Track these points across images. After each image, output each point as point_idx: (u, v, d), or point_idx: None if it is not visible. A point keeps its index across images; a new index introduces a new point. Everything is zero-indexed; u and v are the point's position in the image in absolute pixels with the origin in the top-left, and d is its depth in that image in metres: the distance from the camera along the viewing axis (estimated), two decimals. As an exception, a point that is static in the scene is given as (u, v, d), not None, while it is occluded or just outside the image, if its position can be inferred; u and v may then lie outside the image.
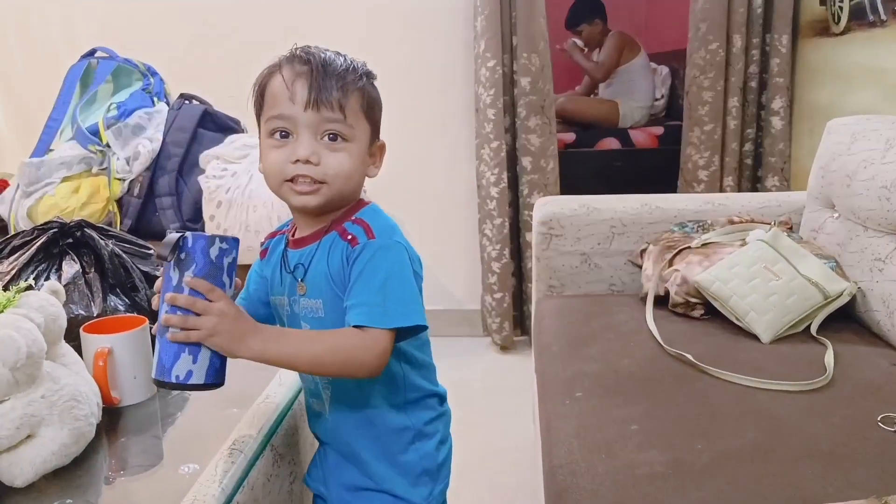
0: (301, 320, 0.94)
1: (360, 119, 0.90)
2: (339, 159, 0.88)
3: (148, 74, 2.61)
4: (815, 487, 0.86)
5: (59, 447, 0.85)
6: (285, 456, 1.04)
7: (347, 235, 0.89)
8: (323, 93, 0.87)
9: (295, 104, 0.87)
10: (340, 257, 0.88)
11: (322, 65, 0.88)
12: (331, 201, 0.90)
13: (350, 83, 0.89)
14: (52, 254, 1.15)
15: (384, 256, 0.87)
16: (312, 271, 0.91)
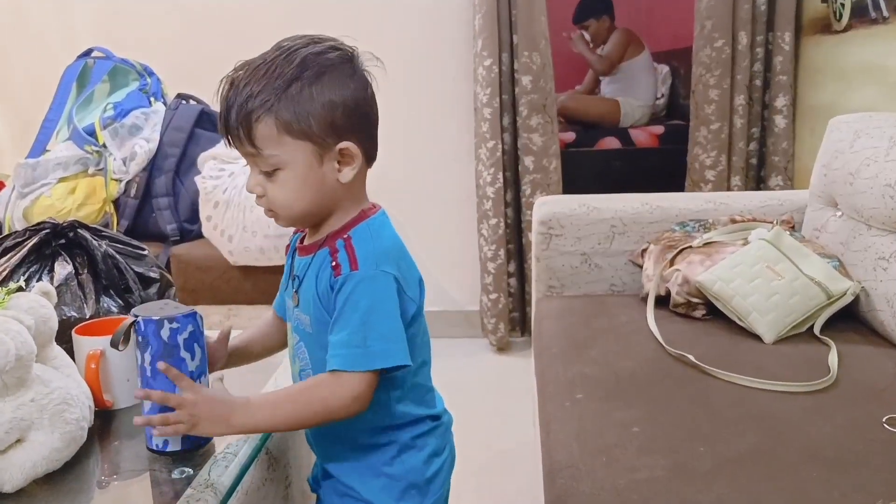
0: (294, 331, 0.93)
1: (284, 141, 0.82)
2: (276, 191, 0.85)
3: (145, 74, 2.60)
4: (819, 491, 0.85)
5: (49, 452, 0.83)
6: (280, 460, 1.03)
7: (333, 262, 0.84)
8: (231, 128, 0.83)
9: None
10: (328, 281, 0.85)
11: (227, 99, 0.84)
12: (299, 222, 0.90)
13: (259, 108, 0.81)
14: (44, 255, 1.14)
15: (365, 290, 0.82)
16: (304, 285, 0.89)
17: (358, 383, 0.82)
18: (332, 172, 0.85)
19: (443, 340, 2.72)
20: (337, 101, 0.84)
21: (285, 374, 1.12)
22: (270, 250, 2.13)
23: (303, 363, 0.92)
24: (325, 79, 0.84)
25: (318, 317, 0.87)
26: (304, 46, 0.86)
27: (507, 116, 2.56)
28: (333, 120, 0.84)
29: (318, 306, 0.86)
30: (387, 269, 0.84)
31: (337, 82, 0.84)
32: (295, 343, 0.93)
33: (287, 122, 0.82)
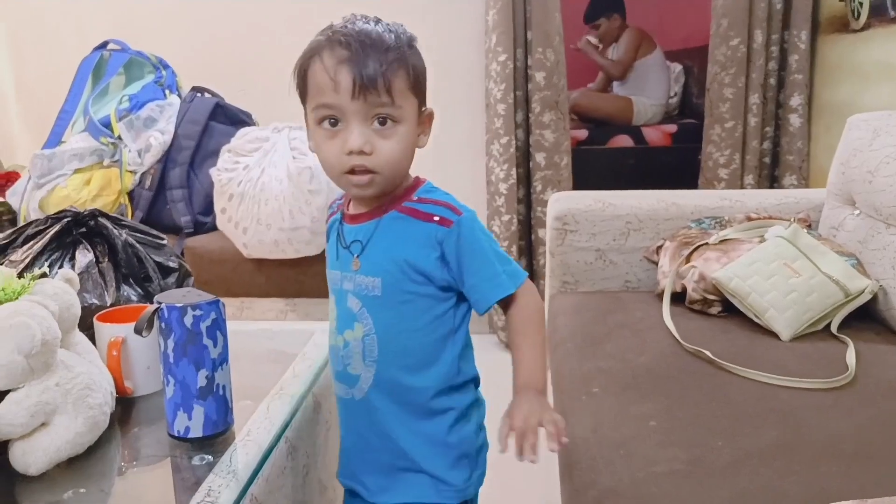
0: (351, 296, 0.93)
1: (408, 95, 0.87)
2: (390, 146, 0.86)
3: (160, 67, 2.61)
4: (839, 486, 0.85)
5: (73, 436, 0.84)
6: (299, 448, 1.03)
7: (434, 217, 0.88)
8: (367, 78, 0.83)
9: (340, 94, 0.84)
10: (425, 238, 0.88)
11: (362, 46, 0.84)
12: (388, 187, 0.90)
13: (394, 60, 0.85)
14: (65, 243, 1.14)
15: (478, 226, 0.90)
16: (372, 249, 0.91)
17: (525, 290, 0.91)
18: (418, 137, 0.91)
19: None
20: (425, 71, 0.91)
21: (303, 365, 1.13)
22: (284, 243, 2.14)
23: (367, 328, 0.92)
24: (417, 51, 0.91)
25: (394, 276, 0.89)
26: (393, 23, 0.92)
27: (520, 112, 2.56)
28: (425, 86, 0.91)
29: (397, 266, 0.89)
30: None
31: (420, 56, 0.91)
32: (357, 309, 0.93)
33: (416, 75, 0.88)
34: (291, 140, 2.23)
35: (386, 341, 0.91)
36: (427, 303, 0.91)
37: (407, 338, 0.91)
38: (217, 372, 0.89)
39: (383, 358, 0.92)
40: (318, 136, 0.90)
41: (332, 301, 0.98)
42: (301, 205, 2.11)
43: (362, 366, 0.93)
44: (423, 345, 0.92)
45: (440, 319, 0.92)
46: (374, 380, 0.92)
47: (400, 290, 0.89)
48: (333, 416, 1.24)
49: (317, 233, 2.15)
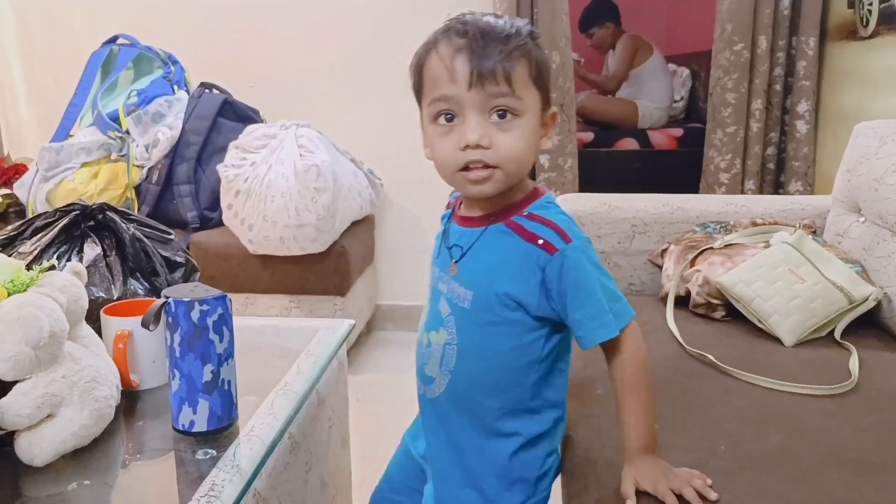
0: (442, 299, 0.90)
1: (530, 88, 0.82)
2: (511, 140, 0.81)
3: (169, 62, 2.62)
4: (842, 494, 0.85)
5: (78, 428, 0.84)
6: (302, 444, 1.04)
7: (538, 240, 0.83)
8: (485, 66, 0.79)
9: (457, 83, 0.80)
10: (525, 260, 0.83)
11: (481, 34, 0.80)
12: (509, 182, 0.85)
13: (515, 49, 0.80)
14: (73, 236, 1.15)
15: (590, 257, 0.83)
16: (471, 258, 0.87)
17: (630, 339, 0.86)
18: (540, 136, 0.86)
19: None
20: (550, 70, 0.86)
21: (307, 362, 1.14)
22: (290, 240, 2.14)
23: (450, 336, 0.90)
24: (543, 50, 0.85)
25: (487, 293, 0.85)
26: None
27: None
28: (550, 83, 0.86)
29: (491, 282, 0.85)
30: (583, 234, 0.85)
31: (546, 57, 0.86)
32: (445, 314, 0.90)
33: (539, 67, 0.83)
34: (299, 137, 2.23)
35: (465, 355, 0.89)
36: (515, 329, 0.87)
37: (486, 358, 0.88)
38: (223, 367, 0.89)
39: (458, 370, 0.89)
40: (432, 135, 0.86)
41: (427, 293, 0.95)
42: (307, 202, 2.12)
43: (438, 371, 0.91)
44: (501, 368, 0.88)
45: (526, 348, 0.88)
46: (447, 388, 0.91)
47: (489, 311, 0.85)
48: (336, 413, 1.24)
49: (322, 230, 2.15)
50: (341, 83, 2.66)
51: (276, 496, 0.93)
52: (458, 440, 0.93)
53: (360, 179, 2.43)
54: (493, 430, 0.90)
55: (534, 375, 0.89)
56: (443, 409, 0.93)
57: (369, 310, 2.66)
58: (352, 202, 2.33)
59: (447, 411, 0.93)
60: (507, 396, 0.89)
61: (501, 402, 0.89)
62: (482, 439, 0.91)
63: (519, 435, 0.91)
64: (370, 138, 2.63)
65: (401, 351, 2.61)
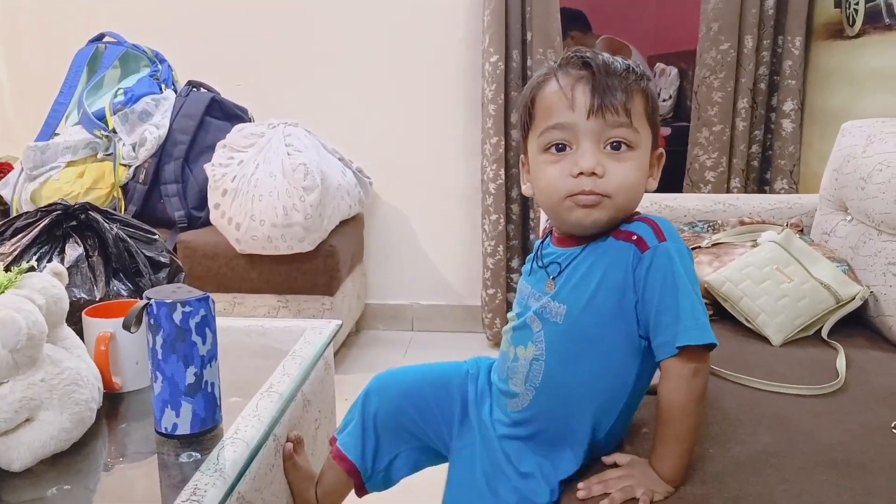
0: (534, 315, 0.88)
1: (644, 124, 0.83)
2: (624, 170, 0.81)
3: (156, 61, 2.60)
4: (830, 495, 0.84)
5: (58, 432, 0.83)
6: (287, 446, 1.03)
7: (633, 236, 0.81)
8: (607, 97, 0.79)
9: (575, 111, 0.80)
10: (621, 259, 0.81)
11: (603, 66, 0.81)
12: (614, 218, 0.83)
13: (633, 83, 0.81)
14: (55, 236, 1.14)
15: (682, 262, 0.80)
16: (571, 273, 0.85)
17: (703, 361, 0.81)
18: (647, 175, 0.85)
19: (443, 334, 2.73)
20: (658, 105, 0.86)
21: (293, 363, 1.13)
22: (277, 239, 2.13)
23: (538, 352, 0.88)
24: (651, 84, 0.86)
25: (584, 305, 0.83)
26: None
27: (515, 113, 2.56)
28: (659, 126, 0.86)
29: (592, 292, 0.82)
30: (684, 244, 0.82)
31: None
32: (536, 330, 0.88)
33: (653, 104, 0.83)
34: (286, 136, 2.22)
35: (552, 372, 0.87)
36: (608, 346, 0.84)
37: (573, 377, 0.86)
38: (206, 369, 0.88)
39: (545, 387, 0.87)
40: (539, 164, 0.84)
41: (515, 307, 0.94)
42: (295, 201, 2.10)
43: (523, 386, 0.89)
44: (587, 390, 0.86)
45: (618, 369, 0.85)
46: (529, 404, 0.89)
47: (583, 324, 0.83)
48: (323, 414, 1.23)
49: (310, 230, 2.14)
50: (330, 82, 2.65)
51: (261, 499, 0.92)
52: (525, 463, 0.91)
53: (348, 178, 2.42)
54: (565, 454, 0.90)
55: (620, 405, 0.87)
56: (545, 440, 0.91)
57: (358, 309, 2.65)
58: (340, 201, 2.32)
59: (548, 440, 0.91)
60: (598, 420, 0.87)
61: (591, 426, 0.88)
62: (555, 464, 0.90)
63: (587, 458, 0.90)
64: (359, 137, 2.62)
65: (390, 350, 2.60)
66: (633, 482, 0.84)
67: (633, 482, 0.84)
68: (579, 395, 0.87)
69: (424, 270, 2.75)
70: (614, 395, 0.87)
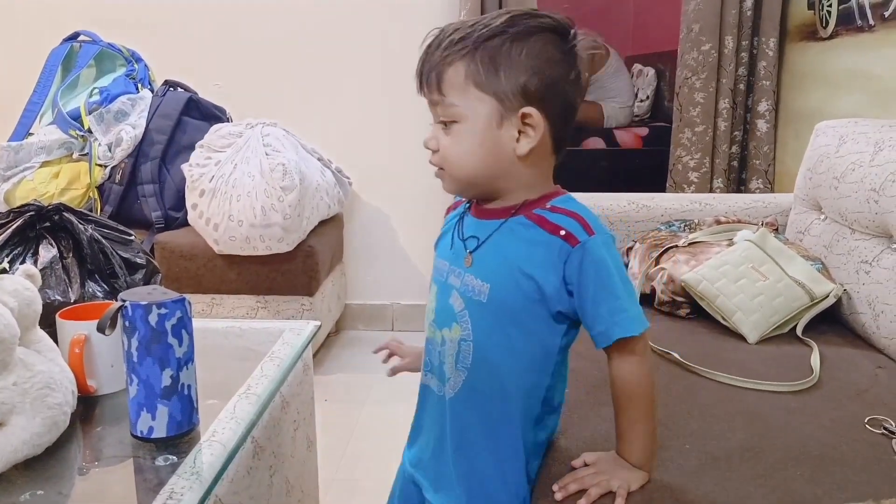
0: (454, 292, 0.87)
1: (469, 92, 0.80)
2: (447, 143, 0.83)
3: (132, 60, 2.57)
4: (804, 490, 0.85)
5: (30, 436, 0.82)
6: (266, 448, 1.02)
7: (560, 230, 0.81)
8: (424, 75, 0.82)
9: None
10: (547, 252, 0.81)
11: (436, 43, 0.82)
12: (465, 187, 0.86)
13: (453, 54, 0.79)
14: (28, 237, 1.12)
15: (610, 253, 0.81)
16: (487, 250, 0.85)
17: (645, 346, 0.83)
18: (509, 140, 0.81)
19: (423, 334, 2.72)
20: (535, 67, 0.79)
21: (271, 364, 1.12)
22: (256, 240, 2.12)
23: (465, 332, 0.87)
24: (532, 41, 0.80)
25: (504, 288, 0.83)
26: (522, 11, 0.82)
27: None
28: (526, 84, 0.80)
29: (512, 275, 0.83)
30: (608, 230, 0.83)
31: (542, 49, 0.80)
32: (459, 309, 0.87)
33: (477, 71, 0.79)
34: (265, 136, 2.21)
35: (481, 352, 0.86)
36: (532, 324, 0.85)
37: (503, 355, 0.86)
38: (182, 371, 0.87)
39: (475, 368, 0.87)
40: None
41: (433, 291, 0.92)
42: (273, 201, 2.09)
43: (453, 369, 0.89)
44: (517, 366, 0.87)
45: (543, 348, 0.87)
46: (463, 385, 0.88)
47: (507, 304, 0.83)
48: (301, 416, 1.23)
49: (289, 230, 2.13)
50: (309, 82, 2.64)
51: (239, 502, 0.91)
52: (468, 443, 0.90)
53: (327, 178, 2.41)
54: (507, 440, 0.89)
55: (547, 379, 0.89)
56: (457, 411, 0.90)
57: (338, 309, 2.64)
58: (319, 201, 2.31)
59: (461, 413, 0.90)
60: (522, 402, 0.88)
61: (517, 407, 0.88)
62: (493, 443, 0.89)
63: (528, 445, 0.91)
64: (338, 137, 2.61)
65: (370, 350, 2.58)
66: (606, 476, 0.85)
67: (606, 476, 0.85)
68: (508, 374, 0.87)
69: (404, 270, 2.74)
70: (538, 378, 0.88)
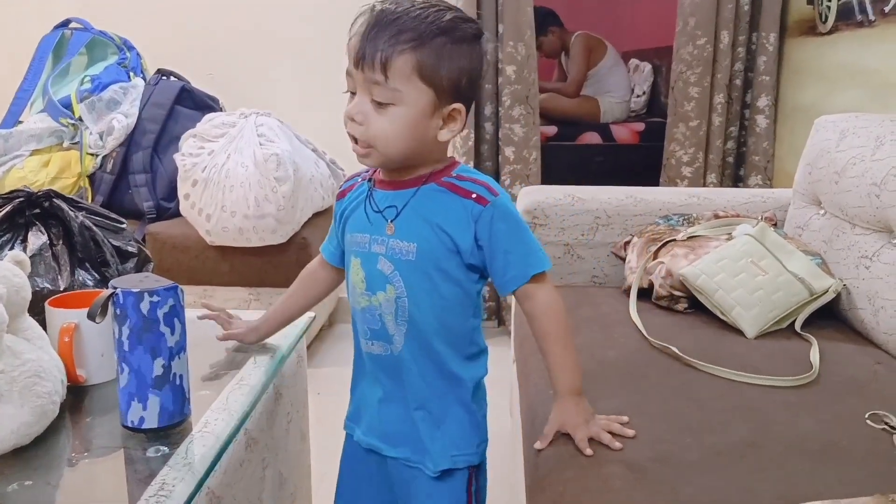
0: (383, 258, 0.93)
1: (414, 83, 0.86)
2: (381, 123, 0.87)
3: (124, 48, 2.54)
4: (805, 484, 0.84)
5: (18, 426, 0.80)
6: (259, 440, 1.01)
7: (472, 194, 0.90)
8: (368, 52, 0.85)
9: (351, 62, 0.87)
10: (461, 212, 0.90)
11: (380, 20, 0.85)
12: (390, 163, 0.92)
13: (404, 43, 0.84)
14: (17, 224, 1.10)
15: (513, 209, 0.93)
16: (408, 215, 0.92)
17: (550, 283, 0.94)
18: (435, 127, 0.90)
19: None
20: (467, 68, 0.89)
21: (265, 355, 1.10)
22: (249, 231, 2.09)
23: (398, 290, 0.93)
24: (465, 47, 0.89)
25: (430, 243, 0.91)
26: (451, 9, 0.89)
27: (489, 106, 2.55)
28: (459, 83, 0.89)
29: (434, 233, 0.91)
30: None
31: (472, 53, 0.90)
32: (389, 272, 0.93)
33: (423, 65, 0.86)
34: (258, 126, 2.18)
35: (416, 303, 0.93)
36: (454, 274, 0.93)
37: (435, 303, 0.93)
38: (174, 361, 0.86)
39: (413, 319, 0.93)
40: None
41: (354, 264, 0.97)
42: (267, 192, 2.07)
43: (395, 325, 0.94)
44: (448, 311, 0.94)
45: (463, 291, 0.95)
46: (406, 338, 0.94)
47: (433, 258, 0.92)
48: (295, 408, 1.21)
49: (282, 221, 2.11)
50: (303, 72, 2.61)
51: (231, 494, 0.89)
52: (423, 389, 0.95)
53: (321, 170, 2.39)
54: (451, 374, 0.95)
55: (471, 320, 0.97)
56: (406, 362, 0.95)
57: (331, 303, 2.62)
58: (313, 193, 2.29)
59: (410, 363, 0.95)
60: (456, 340, 0.96)
61: (453, 346, 0.95)
62: (444, 383, 0.95)
63: (471, 377, 0.97)
64: (332, 128, 2.55)
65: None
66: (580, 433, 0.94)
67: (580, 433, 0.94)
68: (441, 315, 0.94)
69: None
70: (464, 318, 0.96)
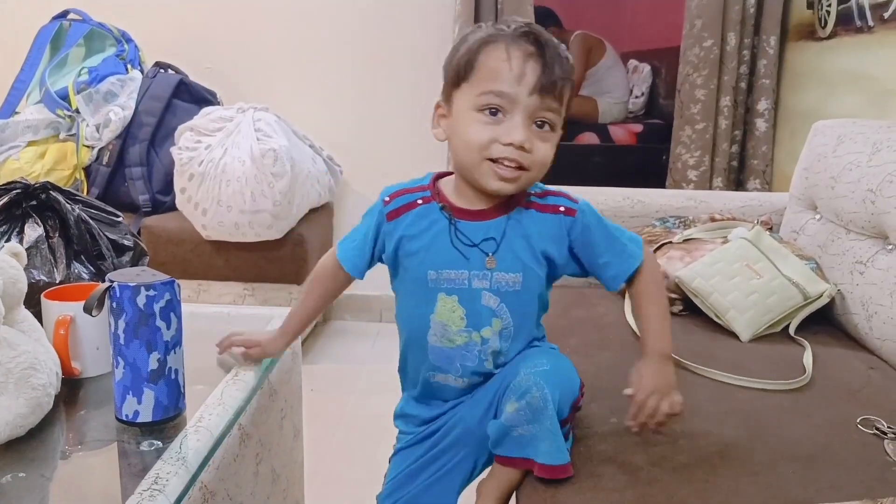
0: (486, 293, 0.94)
1: (563, 108, 0.91)
2: (545, 149, 0.90)
3: (122, 40, 2.53)
4: (796, 489, 0.85)
5: (13, 417, 0.80)
6: (253, 436, 1.01)
7: (559, 208, 0.94)
8: (552, 80, 0.87)
9: (520, 86, 0.87)
10: (555, 229, 0.94)
11: (549, 48, 0.88)
12: (531, 183, 0.94)
13: (570, 71, 0.90)
14: (13, 215, 1.09)
15: (595, 210, 0.97)
16: (509, 244, 0.94)
17: (650, 253, 0.99)
18: None
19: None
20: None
21: (260, 350, 1.10)
22: (245, 226, 2.09)
23: (504, 322, 0.96)
24: None
25: (532, 269, 0.94)
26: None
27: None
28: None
29: (534, 258, 0.94)
30: None
31: None
32: (495, 306, 0.95)
33: (569, 94, 0.91)
34: (256, 121, 2.18)
35: (521, 324, 0.97)
36: (551, 281, 0.99)
37: (531, 319, 0.99)
38: (170, 355, 0.86)
39: (516, 337, 0.97)
40: (469, 119, 0.90)
41: (448, 302, 0.96)
42: (263, 188, 2.07)
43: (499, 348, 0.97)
44: (543, 309, 1.01)
45: (544, 297, 1.00)
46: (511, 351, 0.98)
47: (537, 283, 0.95)
48: (289, 404, 1.21)
49: (278, 217, 2.11)
50: (302, 68, 2.61)
51: (224, 489, 0.89)
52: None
53: (318, 166, 2.39)
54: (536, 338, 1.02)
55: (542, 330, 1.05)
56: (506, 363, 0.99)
57: (326, 299, 2.61)
58: (310, 189, 2.28)
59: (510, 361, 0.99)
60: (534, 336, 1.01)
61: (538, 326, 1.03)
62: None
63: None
64: (330, 124, 2.58)
65: (357, 341, 2.58)
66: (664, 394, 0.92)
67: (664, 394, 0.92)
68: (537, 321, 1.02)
69: (394, 261, 2.72)
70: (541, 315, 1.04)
